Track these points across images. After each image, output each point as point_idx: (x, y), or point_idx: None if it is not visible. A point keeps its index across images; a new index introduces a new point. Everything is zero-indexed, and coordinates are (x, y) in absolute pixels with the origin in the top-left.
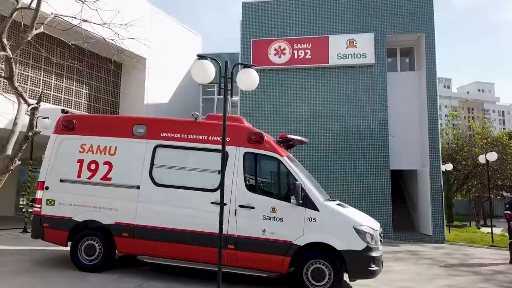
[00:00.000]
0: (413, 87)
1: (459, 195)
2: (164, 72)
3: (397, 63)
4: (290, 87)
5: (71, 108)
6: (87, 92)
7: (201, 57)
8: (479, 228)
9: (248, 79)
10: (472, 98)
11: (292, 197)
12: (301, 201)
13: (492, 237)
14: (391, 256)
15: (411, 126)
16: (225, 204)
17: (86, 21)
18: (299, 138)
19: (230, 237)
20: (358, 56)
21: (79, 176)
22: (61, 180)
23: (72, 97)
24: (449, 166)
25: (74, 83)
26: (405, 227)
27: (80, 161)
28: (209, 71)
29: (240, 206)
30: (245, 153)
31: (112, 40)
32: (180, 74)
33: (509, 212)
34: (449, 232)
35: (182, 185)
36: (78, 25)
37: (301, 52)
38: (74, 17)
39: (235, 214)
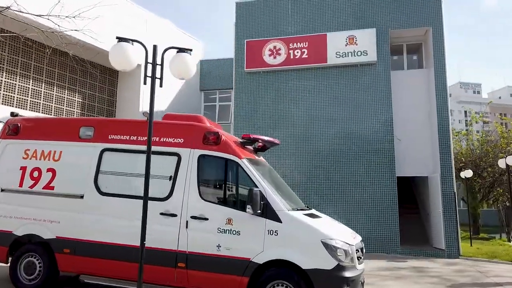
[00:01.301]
0: (421, 86)
1: (486, 204)
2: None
3: (403, 60)
4: (287, 89)
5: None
6: (80, 101)
7: (120, 39)
8: (509, 240)
9: (180, 65)
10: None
11: (248, 206)
12: (259, 211)
13: None
14: (390, 274)
15: (420, 128)
16: (175, 215)
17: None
18: (267, 138)
19: (180, 254)
20: (359, 53)
21: (21, 185)
22: (2, 190)
23: (63, 106)
24: (468, 173)
25: (66, 92)
26: (416, 240)
27: (23, 168)
28: (129, 55)
29: (193, 217)
30: (200, 156)
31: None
32: (180, 81)
33: None
34: (471, 246)
35: (129, 193)
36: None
37: (297, 52)
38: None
39: (187, 227)
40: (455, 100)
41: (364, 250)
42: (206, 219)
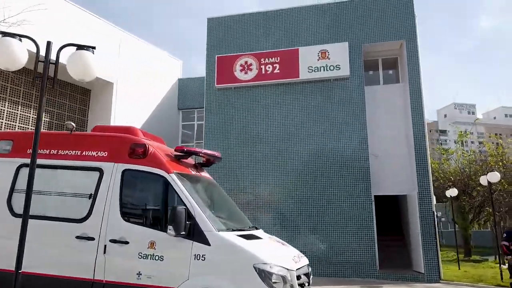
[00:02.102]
0: (398, 101)
1: (477, 225)
2: (136, 97)
3: (379, 75)
4: (258, 105)
5: None
6: (48, 120)
7: (5, 34)
8: (500, 263)
9: (79, 65)
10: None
11: (170, 227)
12: (184, 232)
13: (501, 274)
14: None
15: (397, 145)
16: (93, 239)
17: None
18: (205, 151)
19: (96, 284)
20: (331, 68)
21: None
22: None
23: (28, 125)
24: (453, 192)
25: (32, 111)
26: (397, 264)
27: None
28: (15, 52)
29: (112, 240)
30: (124, 171)
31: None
32: (156, 99)
33: (507, 244)
34: (459, 269)
35: (44, 214)
36: None
37: (269, 67)
38: None
39: (104, 252)
40: (451, 121)
41: (311, 275)
42: (127, 242)
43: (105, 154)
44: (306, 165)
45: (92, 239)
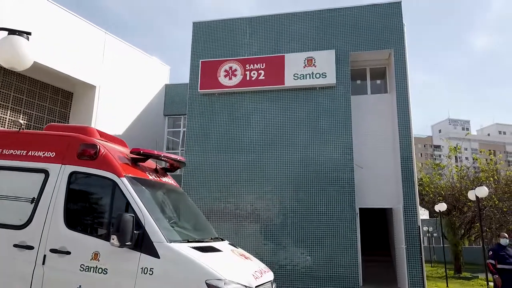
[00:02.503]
0: (385, 112)
1: (467, 241)
2: (120, 102)
3: (367, 85)
4: (242, 112)
5: None
6: (26, 122)
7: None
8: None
9: (9, 51)
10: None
11: (113, 236)
12: (129, 243)
13: None
14: None
15: (384, 156)
16: (31, 248)
17: None
18: (167, 154)
19: None
20: (317, 75)
21: None
22: None
23: (4, 127)
24: (442, 206)
25: (9, 112)
26: (381, 279)
27: None
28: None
29: (52, 250)
30: (72, 173)
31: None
32: (142, 105)
33: (492, 262)
34: (447, 286)
35: None
36: None
37: (254, 73)
38: None
39: (43, 263)
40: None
41: None
42: (68, 253)
43: (52, 154)
44: (289, 175)
45: (31, 248)
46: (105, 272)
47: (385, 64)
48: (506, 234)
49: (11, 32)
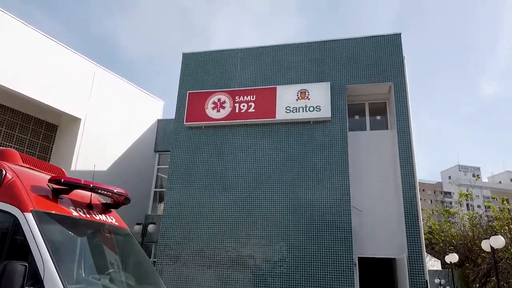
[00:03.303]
0: (386, 149)
1: None
2: (108, 136)
3: (366, 120)
4: (230, 146)
5: None
6: None
7: None
8: None
9: None
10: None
11: None
12: None
13: None
14: None
15: (386, 200)
16: None
17: None
18: (98, 185)
19: None
20: (311, 109)
21: None
22: None
23: None
24: (454, 257)
25: None
26: None
27: None
28: None
29: None
30: None
31: None
32: (131, 140)
33: None
34: None
35: None
36: None
37: (243, 106)
38: None
39: None
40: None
41: None
42: None
43: None
44: (279, 217)
45: None
46: None
47: (385, 99)
48: None
49: None
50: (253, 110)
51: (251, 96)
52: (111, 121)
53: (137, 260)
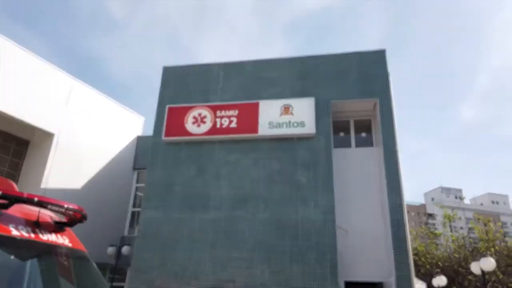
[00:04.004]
0: (371, 167)
1: None
2: (83, 153)
3: (351, 137)
4: (211, 163)
5: None
6: None
7: None
8: None
9: None
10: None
11: None
12: None
13: None
14: None
15: (372, 220)
16: None
17: None
18: (44, 199)
19: None
20: (295, 124)
21: None
22: None
23: None
24: (441, 280)
25: None
26: None
27: None
28: None
29: None
30: None
31: None
32: (108, 156)
33: None
34: None
35: None
36: None
37: (225, 121)
38: None
39: None
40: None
41: None
42: None
43: None
44: (262, 237)
45: None
46: None
47: (370, 115)
48: None
49: None
50: (235, 126)
51: (233, 111)
52: (88, 137)
53: (84, 285)
